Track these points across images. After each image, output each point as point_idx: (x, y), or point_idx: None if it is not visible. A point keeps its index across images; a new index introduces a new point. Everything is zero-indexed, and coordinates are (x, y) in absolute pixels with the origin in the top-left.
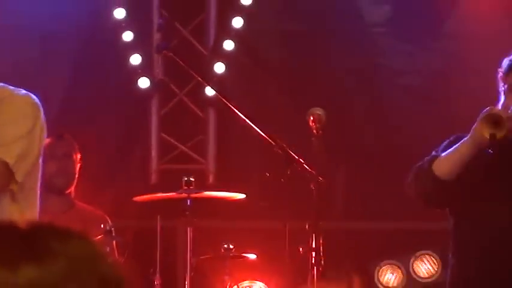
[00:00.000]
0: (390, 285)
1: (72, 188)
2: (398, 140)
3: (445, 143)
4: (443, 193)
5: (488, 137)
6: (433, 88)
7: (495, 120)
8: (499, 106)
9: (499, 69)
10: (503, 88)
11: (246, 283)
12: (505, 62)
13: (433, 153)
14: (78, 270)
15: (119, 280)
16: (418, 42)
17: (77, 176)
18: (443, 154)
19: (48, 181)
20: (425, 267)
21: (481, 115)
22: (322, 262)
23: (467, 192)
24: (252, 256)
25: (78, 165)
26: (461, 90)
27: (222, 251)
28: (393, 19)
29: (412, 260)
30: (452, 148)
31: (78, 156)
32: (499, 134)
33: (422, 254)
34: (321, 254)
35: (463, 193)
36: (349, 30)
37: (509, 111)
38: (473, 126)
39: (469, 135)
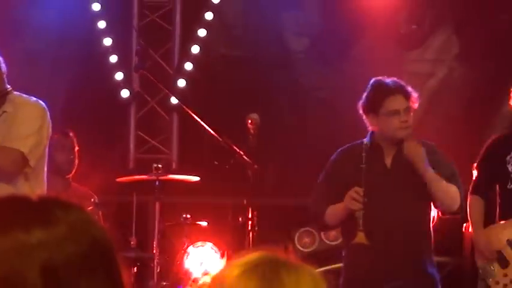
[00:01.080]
0: (306, 246)
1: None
2: (315, 138)
3: (324, 181)
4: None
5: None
6: (341, 100)
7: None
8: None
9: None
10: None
11: (199, 243)
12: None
13: (320, 187)
14: (76, 232)
15: (107, 240)
16: (329, 64)
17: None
18: (330, 210)
19: (58, 167)
20: (332, 233)
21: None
22: (256, 228)
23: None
24: (204, 223)
25: (77, 155)
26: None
27: (182, 219)
28: (310, 47)
29: None
30: (335, 209)
31: (77, 148)
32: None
33: None
34: (255, 222)
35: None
36: (277, 55)
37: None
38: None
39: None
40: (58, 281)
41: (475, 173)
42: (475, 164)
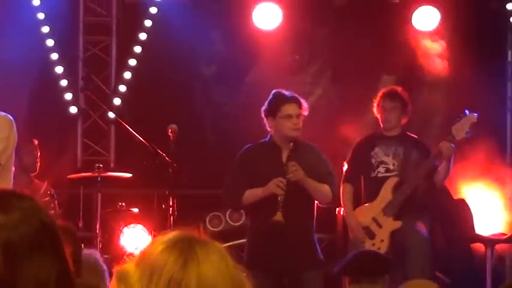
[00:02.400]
0: (215, 226)
1: None
2: (221, 142)
3: (238, 172)
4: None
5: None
6: (242, 114)
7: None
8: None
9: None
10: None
11: (132, 225)
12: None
13: (232, 179)
14: (28, 216)
15: (52, 223)
16: (232, 86)
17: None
18: (248, 193)
19: (25, 167)
20: (235, 216)
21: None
22: (176, 213)
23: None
24: (136, 210)
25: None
26: (258, 114)
27: (118, 207)
28: (217, 72)
29: (228, 212)
30: (254, 192)
31: (38, 153)
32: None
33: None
34: (175, 209)
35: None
36: (193, 78)
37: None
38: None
39: (265, 189)
40: (16, 256)
41: (345, 166)
42: (346, 159)
